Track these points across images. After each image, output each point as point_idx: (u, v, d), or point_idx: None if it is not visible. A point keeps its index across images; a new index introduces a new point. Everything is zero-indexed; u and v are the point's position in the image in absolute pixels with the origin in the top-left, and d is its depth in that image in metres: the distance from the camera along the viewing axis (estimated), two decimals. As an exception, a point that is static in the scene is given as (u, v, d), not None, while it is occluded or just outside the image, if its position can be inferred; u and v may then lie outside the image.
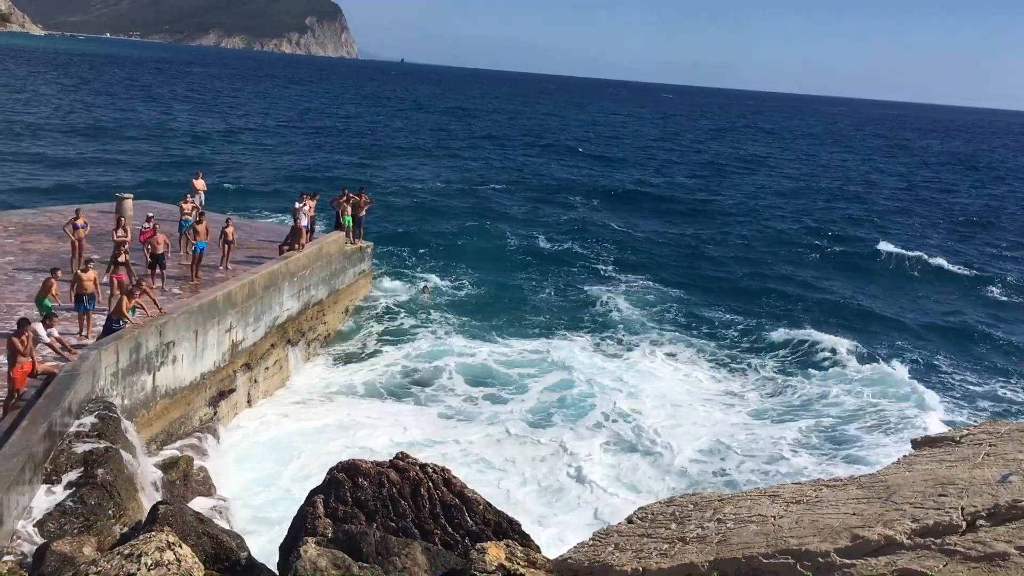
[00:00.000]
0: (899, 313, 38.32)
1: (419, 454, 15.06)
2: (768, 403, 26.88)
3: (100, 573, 6.13)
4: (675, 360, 30.13)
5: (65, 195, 44.07)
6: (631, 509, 18.36)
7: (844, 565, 5.87)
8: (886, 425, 25.26)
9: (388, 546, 12.09)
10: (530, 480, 20.80)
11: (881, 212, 65.42)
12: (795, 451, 23.10)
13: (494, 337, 31.26)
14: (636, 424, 24.37)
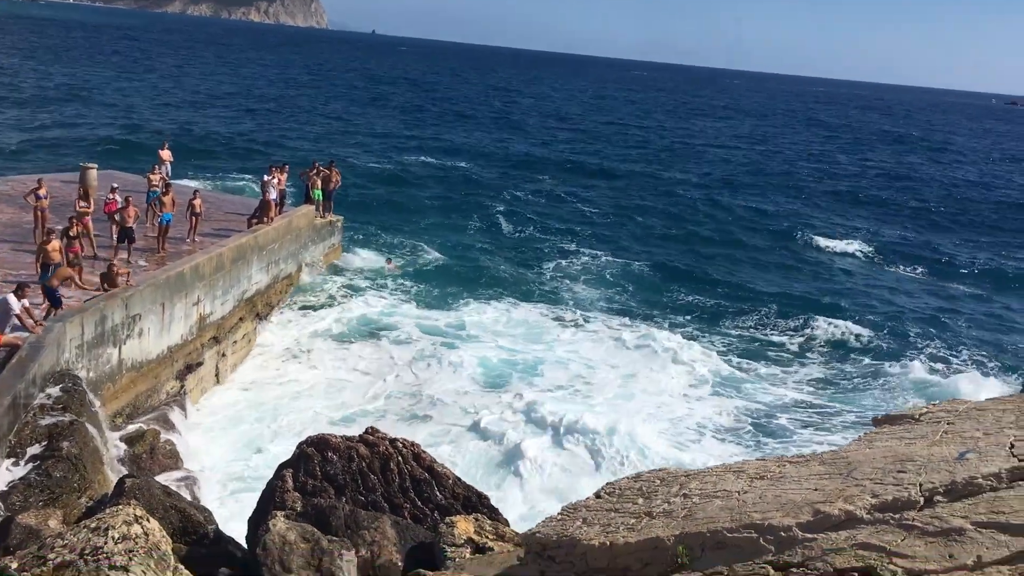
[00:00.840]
0: (867, 296, 38.78)
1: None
2: (725, 376, 27.28)
3: (66, 546, 6.11)
4: (630, 332, 30.47)
5: (28, 163, 43.24)
6: (576, 481, 18.85)
7: (805, 539, 6.00)
8: (845, 402, 25.72)
9: (357, 520, 12.15)
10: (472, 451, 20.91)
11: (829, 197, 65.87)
12: (747, 427, 23.43)
13: (452, 305, 31.73)
14: (587, 394, 24.79)
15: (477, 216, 46.92)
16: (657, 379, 26.35)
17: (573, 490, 17.59)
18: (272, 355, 25.88)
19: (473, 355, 26.78)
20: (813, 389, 26.80)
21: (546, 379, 25.63)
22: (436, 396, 23.48)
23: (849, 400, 26.08)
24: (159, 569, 5.89)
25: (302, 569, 10.79)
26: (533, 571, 7.35)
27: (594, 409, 23.29)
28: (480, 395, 23.87)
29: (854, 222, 56.40)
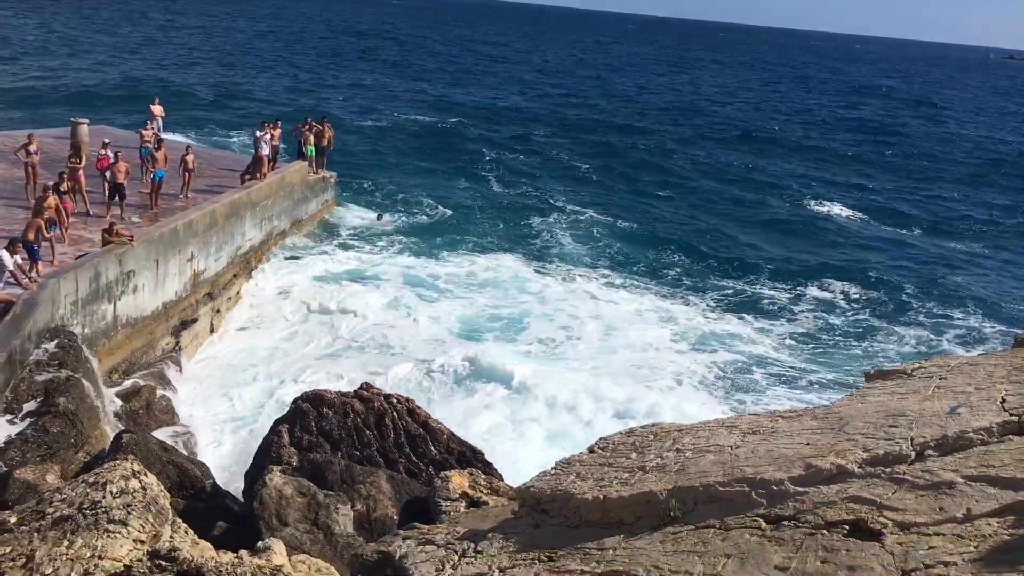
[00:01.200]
0: (860, 253, 38.77)
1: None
2: (709, 331, 27.41)
3: (64, 500, 6.15)
4: (615, 287, 30.69)
5: (16, 115, 42.80)
6: (561, 429, 19.03)
7: (797, 493, 6.07)
8: (834, 359, 25.86)
9: (353, 474, 12.27)
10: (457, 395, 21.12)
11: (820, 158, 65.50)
12: (728, 382, 23.56)
13: (440, 257, 31.86)
14: (572, 344, 25.00)
15: (469, 172, 46.79)
16: (640, 334, 26.45)
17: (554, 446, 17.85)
18: (260, 302, 25.85)
19: (455, 306, 27.06)
20: (801, 346, 26.90)
21: (531, 332, 25.79)
22: (412, 346, 23.60)
23: (838, 357, 26.22)
24: (157, 523, 5.94)
25: (299, 523, 10.92)
26: (527, 524, 7.43)
27: (574, 363, 23.46)
28: (458, 345, 23.93)
29: (847, 179, 56.24)
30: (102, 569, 5.23)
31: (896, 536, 5.36)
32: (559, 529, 7.07)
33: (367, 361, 22.48)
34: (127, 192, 22.98)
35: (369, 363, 22.32)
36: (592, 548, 6.52)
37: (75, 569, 5.17)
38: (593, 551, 6.47)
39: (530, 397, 20.87)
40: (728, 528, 6.05)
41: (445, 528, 8.52)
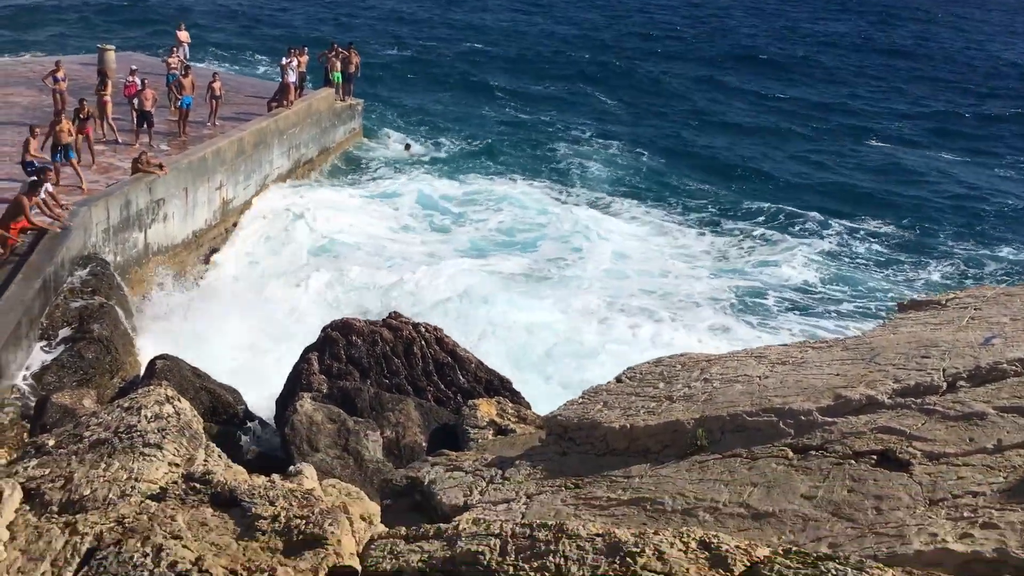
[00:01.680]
0: (888, 189, 37.95)
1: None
2: (730, 257, 27.21)
3: (101, 424, 6.27)
4: (636, 214, 30.49)
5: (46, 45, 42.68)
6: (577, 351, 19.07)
7: (825, 423, 6.05)
8: (865, 289, 25.59)
9: (382, 402, 12.43)
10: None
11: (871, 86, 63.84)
12: (766, 309, 23.40)
13: (465, 182, 31.79)
14: (582, 266, 24.98)
15: (494, 101, 46.10)
16: (656, 258, 26.34)
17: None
18: (280, 221, 25.75)
19: (475, 228, 27.28)
20: (830, 275, 26.46)
21: (540, 252, 25.82)
22: (409, 263, 23.69)
23: (868, 286, 25.89)
24: (191, 447, 6.04)
25: (329, 448, 11.10)
26: (554, 452, 7.50)
27: (584, 284, 23.58)
28: (474, 267, 23.99)
29: (885, 106, 54.86)
30: (139, 491, 5.34)
31: (925, 466, 5.35)
32: (586, 457, 7.13)
33: (359, 274, 22.51)
34: (155, 120, 22.96)
35: (360, 277, 22.41)
36: (618, 476, 6.58)
37: (112, 490, 5.29)
38: (619, 479, 6.53)
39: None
40: (755, 457, 6.07)
41: (473, 455, 8.63)
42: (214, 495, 5.30)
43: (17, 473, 5.57)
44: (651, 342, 20.00)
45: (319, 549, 4.70)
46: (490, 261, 24.71)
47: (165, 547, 4.56)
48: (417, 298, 21.22)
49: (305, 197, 26.98)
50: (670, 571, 3.69)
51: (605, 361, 18.53)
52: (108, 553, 4.59)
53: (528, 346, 19.47)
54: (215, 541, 4.76)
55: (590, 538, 3.99)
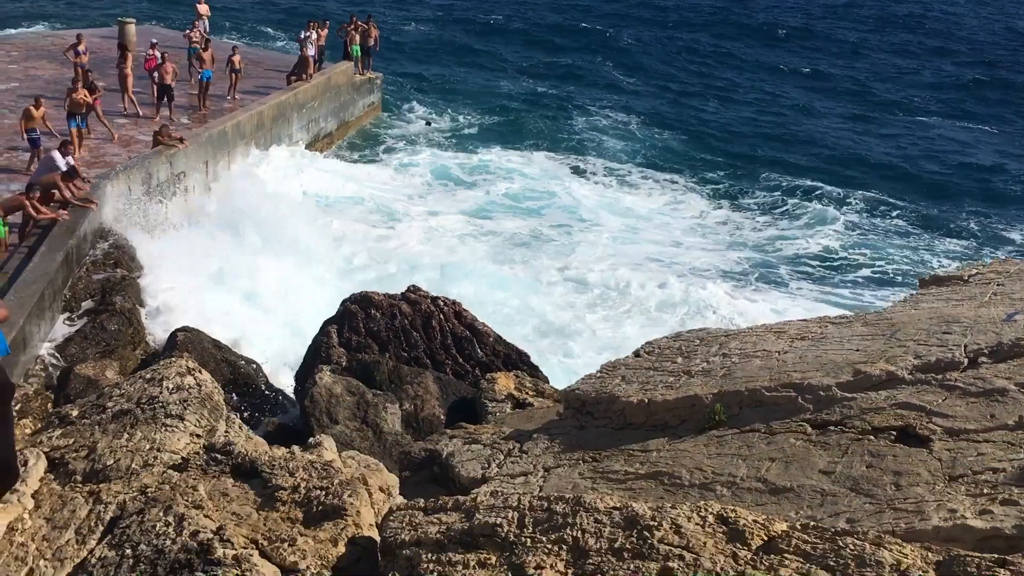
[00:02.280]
0: (910, 161, 37.46)
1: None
2: (742, 227, 27.14)
3: (123, 395, 6.34)
4: (649, 186, 30.45)
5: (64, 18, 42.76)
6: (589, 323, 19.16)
7: (844, 398, 6.03)
8: (887, 263, 25.39)
9: (401, 375, 12.48)
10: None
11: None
12: (781, 281, 23.30)
13: (480, 154, 31.78)
14: (593, 232, 25.15)
15: (512, 74, 45.82)
16: (669, 227, 26.35)
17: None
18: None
19: (485, 192, 27.60)
20: (847, 246, 26.36)
21: (546, 219, 25.98)
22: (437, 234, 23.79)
23: (890, 258, 25.70)
24: (212, 418, 6.10)
25: (348, 420, 11.18)
26: (572, 426, 7.52)
27: (594, 249, 23.78)
28: (480, 233, 24.25)
29: (912, 76, 53.99)
30: (161, 461, 5.41)
31: (944, 442, 5.32)
32: (603, 431, 7.15)
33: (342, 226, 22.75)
34: (175, 93, 22.99)
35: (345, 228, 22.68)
36: (636, 450, 6.59)
37: (135, 460, 5.36)
38: (637, 453, 6.54)
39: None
40: (773, 432, 6.06)
41: (491, 428, 8.67)
42: (235, 466, 5.36)
43: (42, 443, 5.66)
44: (660, 309, 20.36)
45: (338, 520, 4.74)
46: (493, 223, 25.08)
47: (187, 516, 4.62)
48: (404, 253, 21.70)
49: (315, 163, 27.13)
50: (687, 545, 3.70)
51: (601, 327, 19.21)
52: (131, 522, 4.66)
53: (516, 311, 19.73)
54: (236, 511, 4.82)
55: (607, 512, 4.00)
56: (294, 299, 17.41)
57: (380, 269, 20.77)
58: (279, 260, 18.52)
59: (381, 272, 20.40)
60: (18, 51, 28.05)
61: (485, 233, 24.36)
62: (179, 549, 4.38)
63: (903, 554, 3.44)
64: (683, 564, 3.58)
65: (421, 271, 19.90)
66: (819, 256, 25.34)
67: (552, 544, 3.87)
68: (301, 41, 28.11)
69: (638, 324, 19.53)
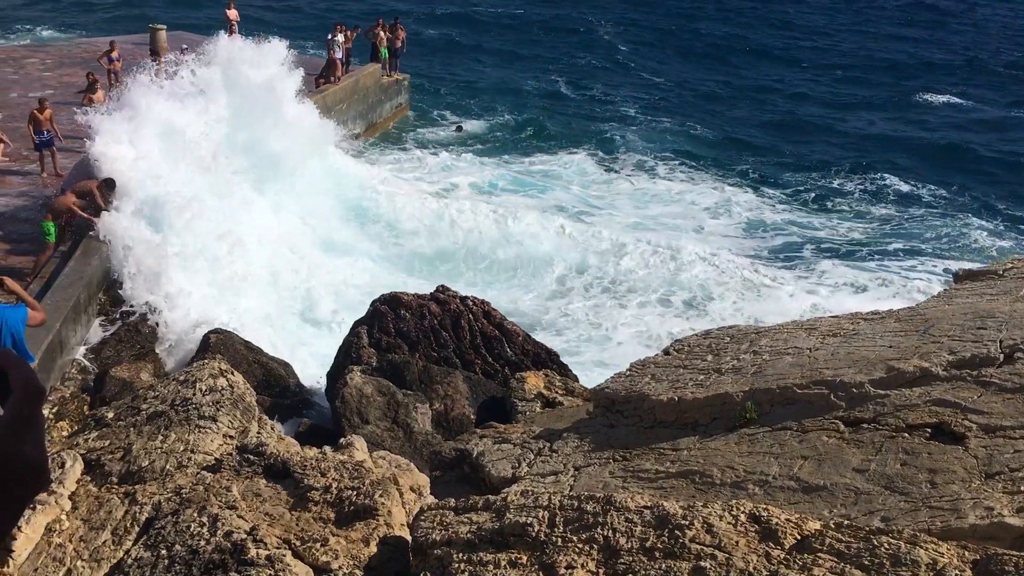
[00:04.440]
0: (945, 150, 36.97)
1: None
2: (773, 218, 27.02)
3: (157, 397, 6.42)
4: (675, 179, 30.53)
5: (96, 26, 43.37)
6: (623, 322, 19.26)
7: (878, 396, 5.96)
8: (923, 259, 25.07)
9: (431, 375, 12.52)
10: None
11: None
12: (820, 274, 23.14)
13: (515, 160, 31.80)
14: (608, 214, 25.51)
15: (540, 72, 45.76)
16: (697, 213, 26.42)
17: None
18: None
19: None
20: (877, 235, 26.15)
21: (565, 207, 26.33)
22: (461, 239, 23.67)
23: (921, 252, 25.38)
24: (244, 419, 6.16)
25: (379, 420, 11.24)
26: (602, 425, 7.50)
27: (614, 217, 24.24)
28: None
29: (945, 57, 53.18)
30: (195, 462, 5.47)
31: (980, 439, 5.25)
32: (633, 429, 7.12)
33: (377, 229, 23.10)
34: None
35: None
36: (667, 448, 6.56)
37: (169, 461, 5.43)
38: (668, 451, 6.51)
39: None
40: (805, 430, 6.01)
41: (521, 428, 8.68)
42: (267, 466, 5.40)
43: (78, 445, 5.74)
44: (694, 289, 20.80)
45: (370, 520, 4.77)
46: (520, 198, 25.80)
47: (221, 517, 4.66)
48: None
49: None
50: (719, 544, 3.68)
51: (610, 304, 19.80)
52: (166, 522, 4.72)
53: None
54: (269, 511, 4.86)
55: (638, 511, 3.99)
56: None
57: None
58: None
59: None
60: (52, 59, 28.48)
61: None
62: (213, 549, 4.42)
63: (939, 553, 3.39)
64: (715, 564, 3.56)
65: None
66: (851, 244, 25.19)
67: (583, 544, 3.86)
68: (328, 44, 28.29)
69: (670, 317, 19.68)
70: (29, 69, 27.23)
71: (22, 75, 26.38)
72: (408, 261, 21.99)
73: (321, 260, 20.25)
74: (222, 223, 17.33)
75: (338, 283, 19.45)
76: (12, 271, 13.25)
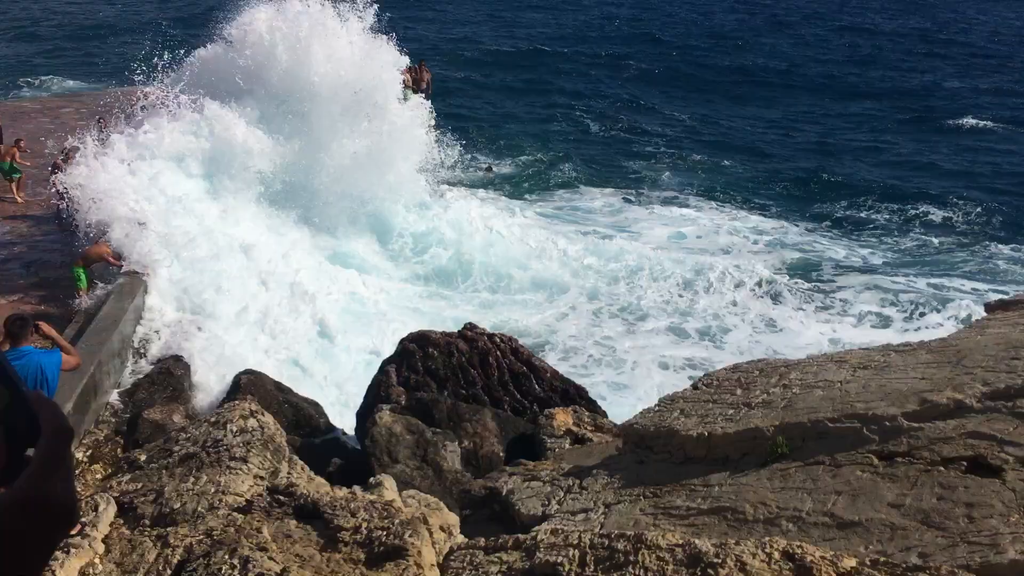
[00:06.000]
0: (975, 178, 36.68)
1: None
2: (804, 250, 26.79)
3: (189, 439, 6.48)
4: (711, 211, 30.46)
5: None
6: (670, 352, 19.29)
7: (912, 429, 5.89)
8: (953, 289, 24.77)
9: (459, 412, 12.51)
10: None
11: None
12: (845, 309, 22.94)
13: (548, 199, 31.94)
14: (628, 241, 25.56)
15: (564, 111, 45.97)
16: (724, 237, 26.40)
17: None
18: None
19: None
20: (906, 267, 25.87)
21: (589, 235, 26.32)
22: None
23: (952, 283, 25.08)
24: (275, 460, 6.20)
25: (408, 459, 11.23)
26: (631, 461, 7.45)
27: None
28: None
29: (970, 84, 52.92)
30: (226, 503, 5.50)
31: (1018, 472, 5.16)
32: (664, 465, 7.07)
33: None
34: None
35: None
36: (697, 485, 6.50)
37: (201, 503, 5.46)
38: (699, 488, 6.46)
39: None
40: (839, 465, 5.94)
41: (550, 465, 8.64)
42: (298, 507, 5.42)
43: (111, 488, 5.80)
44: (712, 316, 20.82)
45: (400, 560, 4.76)
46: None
47: (252, 559, 4.68)
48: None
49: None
50: (751, 582, 3.64)
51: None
52: (198, 565, 4.74)
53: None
54: (299, 552, 4.87)
55: (670, 548, 3.96)
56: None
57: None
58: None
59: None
60: (87, 108, 29.11)
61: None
62: (245, 591, 4.44)
63: (977, 589, 3.34)
64: (748, 602, 3.52)
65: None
66: (879, 272, 24.97)
67: (614, 583, 3.83)
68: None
69: (699, 348, 19.68)
70: (65, 119, 27.85)
71: (58, 124, 26.99)
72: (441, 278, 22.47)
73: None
74: (267, 262, 17.93)
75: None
76: (47, 316, 13.47)
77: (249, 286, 17.85)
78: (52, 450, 1.21)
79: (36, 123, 27.41)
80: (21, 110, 29.47)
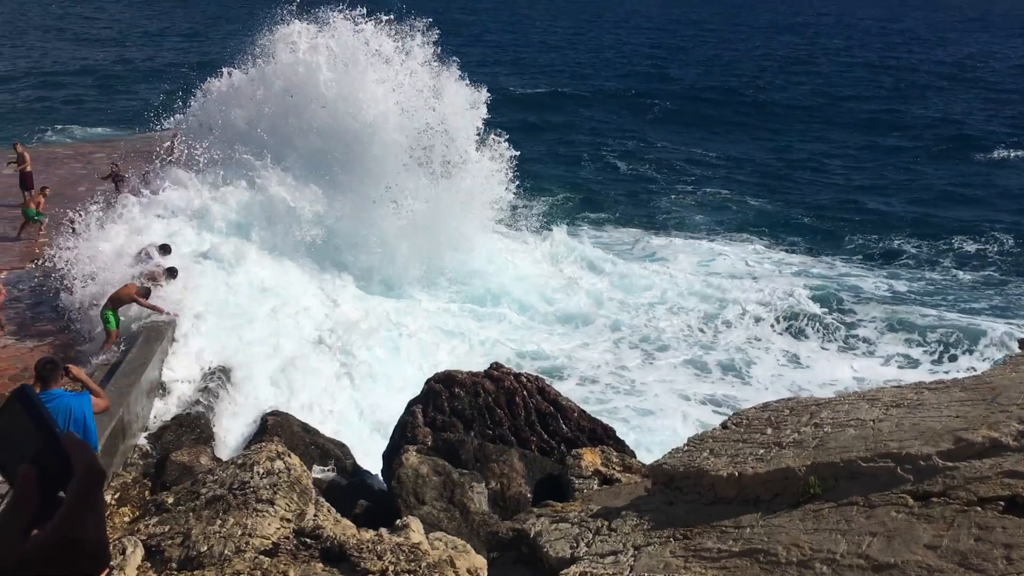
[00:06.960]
0: (1009, 217, 36.29)
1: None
2: (836, 286, 26.58)
3: (216, 481, 6.48)
4: (736, 244, 30.60)
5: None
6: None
7: (947, 468, 5.77)
8: (987, 324, 24.40)
9: (486, 453, 12.44)
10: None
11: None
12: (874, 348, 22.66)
13: (575, 235, 31.71)
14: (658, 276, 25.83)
15: (592, 152, 46.19)
16: (742, 288, 26.04)
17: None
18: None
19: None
20: (937, 303, 25.59)
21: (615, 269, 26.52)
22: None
23: (983, 319, 24.73)
24: (302, 502, 6.18)
25: (435, 501, 11.15)
26: (661, 502, 7.35)
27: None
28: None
29: (993, 115, 52.65)
30: (252, 546, 5.48)
31: (1058, 513, 5.03)
32: (693, 506, 6.97)
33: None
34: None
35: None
36: (728, 526, 6.40)
37: (227, 546, 5.44)
38: (730, 529, 6.35)
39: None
40: (873, 505, 5.82)
41: (578, 506, 8.54)
42: (324, 550, 5.39)
43: (139, 531, 5.80)
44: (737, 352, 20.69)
45: (427, 604, 4.71)
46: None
47: (278, 603, 4.65)
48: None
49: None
50: (786, 627, 3.55)
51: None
52: (224, 609, 4.71)
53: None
54: (326, 596, 4.84)
55: (700, 592, 3.88)
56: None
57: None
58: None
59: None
60: (118, 153, 29.63)
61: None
62: (271, 636, 4.40)
63: (1020, 635, 3.24)
64: (782, 648, 3.44)
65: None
66: (910, 307, 24.70)
67: (644, 628, 3.76)
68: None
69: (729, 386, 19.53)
70: (97, 164, 28.36)
71: (90, 170, 27.47)
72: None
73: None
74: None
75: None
76: (76, 360, 13.61)
77: (276, 326, 17.96)
78: (84, 492, 1.22)
79: (68, 168, 27.93)
80: (54, 156, 30.04)
